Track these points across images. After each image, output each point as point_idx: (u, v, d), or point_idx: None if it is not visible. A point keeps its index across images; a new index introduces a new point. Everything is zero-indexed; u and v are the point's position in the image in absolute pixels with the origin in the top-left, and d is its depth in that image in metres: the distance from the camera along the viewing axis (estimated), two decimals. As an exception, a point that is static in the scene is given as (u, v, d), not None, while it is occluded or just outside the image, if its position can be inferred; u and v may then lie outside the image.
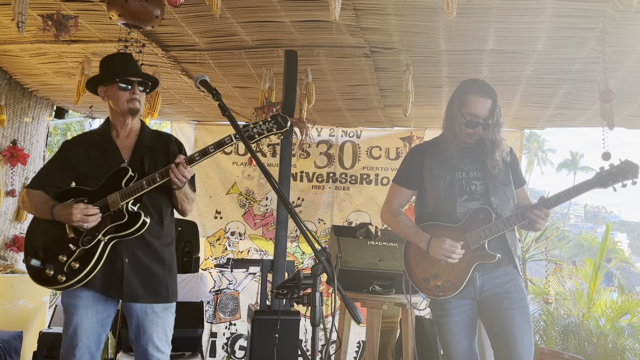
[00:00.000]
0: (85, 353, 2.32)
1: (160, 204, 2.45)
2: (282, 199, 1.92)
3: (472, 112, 2.53)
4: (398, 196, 2.77)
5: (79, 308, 2.33)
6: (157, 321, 2.40)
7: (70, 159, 2.48)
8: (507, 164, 2.61)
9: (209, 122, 5.74)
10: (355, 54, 3.70)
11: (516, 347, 2.42)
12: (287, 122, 2.26)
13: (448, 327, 2.56)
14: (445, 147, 2.62)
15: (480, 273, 2.52)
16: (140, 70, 2.53)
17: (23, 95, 4.91)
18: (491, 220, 2.48)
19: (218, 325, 5.39)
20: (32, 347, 3.94)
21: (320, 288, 1.88)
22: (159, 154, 2.47)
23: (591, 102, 4.26)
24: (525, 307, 2.51)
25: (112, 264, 2.34)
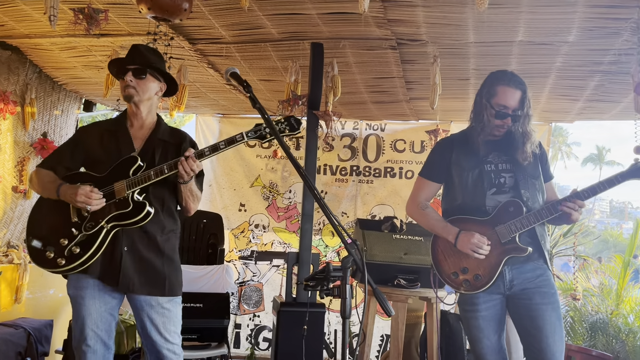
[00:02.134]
0: (97, 341, 2.34)
1: (164, 196, 2.45)
2: (312, 191, 1.92)
3: (501, 102, 2.49)
4: (424, 189, 2.75)
5: (85, 299, 2.34)
6: (162, 312, 2.39)
7: (83, 143, 2.50)
8: (537, 157, 2.57)
9: (234, 115, 5.77)
10: (382, 46, 3.67)
11: (548, 342, 2.38)
12: (300, 124, 2.26)
13: (476, 322, 2.53)
14: (473, 140, 2.58)
15: (510, 267, 2.49)
16: (140, 57, 2.49)
17: (53, 89, 5.00)
18: (522, 213, 2.44)
19: (242, 316, 5.44)
20: (62, 335, 4.02)
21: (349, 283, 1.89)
22: (171, 150, 2.48)
23: (623, 95, 4.17)
24: (556, 302, 2.47)
25: (112, 251, 2.34)
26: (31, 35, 4.03)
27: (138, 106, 2.48)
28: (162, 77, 2.53)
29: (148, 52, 2.53)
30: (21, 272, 4.06)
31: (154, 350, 2.39)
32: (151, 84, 2.48)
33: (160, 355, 2.39)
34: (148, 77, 2.46)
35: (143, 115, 2.50)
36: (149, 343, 2.39)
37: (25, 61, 4.55)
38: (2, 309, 3.95)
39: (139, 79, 2.45)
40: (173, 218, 2.51)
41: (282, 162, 5.64)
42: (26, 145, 4.73)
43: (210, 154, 2.32)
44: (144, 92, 2.46)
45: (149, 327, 2.37)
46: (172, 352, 2.40)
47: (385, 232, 3.90)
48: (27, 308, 4.16)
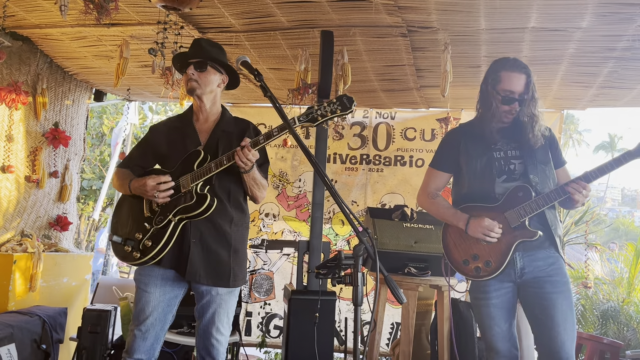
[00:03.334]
0: (150, 329, 2.43)
1: (229, 187, 2.50)
2: (323, 179, 1.92)
3: (507, 88, 2.51)
4: (434, 179, 2.77)
5: (148, 285, 2.45)
6: (220, 303, 2.47)
7: (152, 141, 2.62)
8: (546, 143, 2.57)
9: (244, 104, 5.77)
10: (392, 34, 3.65)
11: (558, 331, 2.38)
12: (353, 103, 2.26)
13: (487, 310, 2.54)
14: (482, 128, 2.59)
15: (521, 255, 2.49)
16: (201, 51, 2.56)
17: (64, 79, 5.02)
18: (531, 197, 2.45)
19: (253, 304, 5.48)
20: (76, 322, 4.08)
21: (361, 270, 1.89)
22: (235, 139, 2.51)
23: (637, 81, 4.12)
24: (568, 291, 2.47)
25: (181, 243, 2.43)
26: (42, 26, 4.04)
27: (201, 99, 2.55)
28: (224, 69, 2.59)
29: (209, 46, 2.60)
30: (35, 261, 4.12)
31: (204, 338, 2.48)
32: (212, 77, 2.55)
33: (209, 344, 2.47)
34: (209, 70, 2.53)
35: (207, 108, 2.57)
36: (201, 329, 2.48)
37: (36, 51, 4.57)
38: (17, 297, 4.01)
39: (201, 71, 2.52)
40: (241, 209, 2.57)
41: (291, 151, 5.64)
42: (38, 135, 4.77)
43: (265, 142, 2.36)
44: (206, 85, 2.53)
45: (205, 316, 2.47)
46: (219, 342, 2.48)
47: (396, 220, 3.91)
48: (41, 296, 4.22)
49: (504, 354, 2.51)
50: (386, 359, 5.08)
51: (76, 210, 5.35)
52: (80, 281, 4.68)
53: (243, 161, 2.32)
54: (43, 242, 4.61)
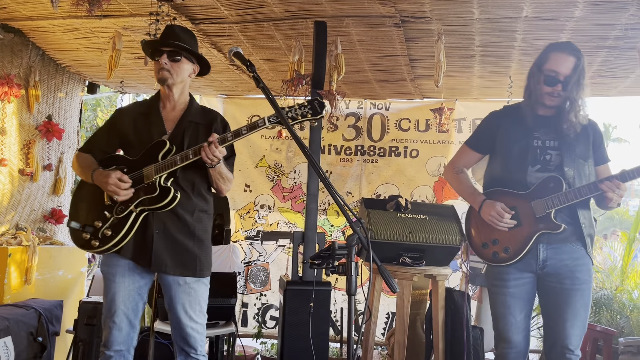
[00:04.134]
0: (123, 319, 2.41)
1: (194, 179, 2.48)
2: (317, 170, 1.93)
3: (552, 68, 2.44)
4: (464, 156, 2.75)
5: (116, 276, 2.42)
6: (189, 292, 2.45)
7: (118, 126, 2.55)
8: (589, 137, 2.49)
9: (238, 95, 5.76)
10: (386, 24, 3.64)
11: (565, 327, 2.38)
12: (324, 108, 2.24)
13: (503, 298, 2.51)
14: (524, 113, 2.53)
15: (546, 246, 2.44)
16: (177, 40, 2.48)
17: (56, 71, 4.99)
18: (561, 190, 2.39)
19: (249, 296, 5.50)
20: (72, 315, 4.08)
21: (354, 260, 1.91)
22: (202, 131, 2.49)
23: (629, 70, 4.13)
24: (587, 289, 2.42)
25: (143, 234, 2.40)
26: (33, 18, 4.01)
27: (171, 89, 2.50)
28: (195, 58, 2.54)
29: (182, 33, 2.53)
30: (30, 254, 4.11)
31: (178, 328, 2.46)
32: (185, 66, 2.50)
33: (184, 334, 2.46)
34: (182, 60, 2.48)
35: (175, 97, 2.53)
36: (174, 321, 2.47)
37: (28, 44, 4.54)
38: (13, 290, 4.01)
39: (173, 61, 2.46)
40: (205, 199, 2.54)
41: (286, 143, 5.64)
42: (31, 128, 4.75)
43: (234, 139, 2.34)
44: (178, 74, 2.48)
45: (176, 306, 2.44)
46: (195, 331, 2.47)
47: (390, 211, 3.91)
48: (37, 289, 4.23)
49: (514, 345, 2.48)
50: (382, 349, 5.11)
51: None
52: (76, 274, 4.68)
53: (210, 157, 2.30)
54: (38, 235, 4.61)
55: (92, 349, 3.72)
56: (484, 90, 5.08)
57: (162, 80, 2.46)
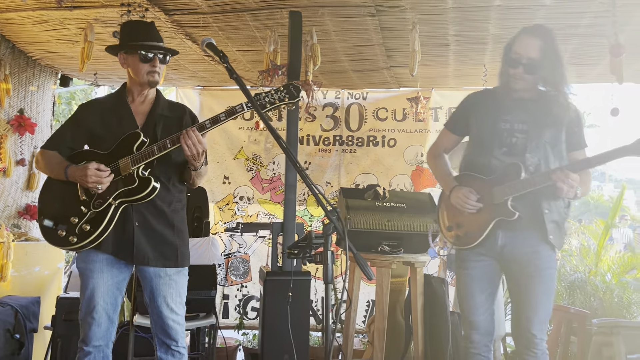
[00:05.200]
0: (102, 315, 2.40)
1: (168, 170, 2.48)
2: (292, 160, 1.93)
3: (516, 50, 2.43)
4: (443, 139, 2.77)
5: (94, 272, 2.40)
6: (170, 283, 2.45)
7: (84, 121, 2.51)
8: (562, 122, 2.45)
9: (215, 87, 5.71)
10: (361, 14, 3.64)
11: (527, 313, 2.43)
12: (300, 91, 2.26)
13: (464, 280, 2.57)
14: (499, 95, 2.52)
15: (504, 232, 2.46)
16: (162, 40, 2.54)
17: (27, 64, 4.89)
18: (519, 177, 2.38)
19: (230, 287, 5.50)
20: (50, 311, 4.04)
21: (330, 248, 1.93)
22: (173, 124, 2.50)
23: (600, 58, 4.19)
24: (547, 276, 2.44)
25: (123, 227, 2.39)
26: (2, 9, 3.91)
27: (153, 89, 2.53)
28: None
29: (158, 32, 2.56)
30: (5, 251, 4.05)
31: (159, 321, 2.46)
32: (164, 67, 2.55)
33: (165, 326, 2.46)
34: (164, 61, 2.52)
35: (148, 92, 2.54)
36: (155, 314, 2.47)
37: (-3, 36, 4.45)
38: (-12, 287, 3.95)
39: (163, 64, 2.50)
40: (180, 190, 2.56)
41: (264, 134, 5.62)
42: (2, 122, 4.65)
43: (212, 127, 2.35)
44: (162, 76, 2.53)
45: (156, 298, 2.44)
46: (176, 322, 2.48)
47: (368, 200, 3.95)
48: (13, 286, 4.17)
49: (477, 326, 2.52)
50: (362, 336, 5.17)
51: (46, 198, 5.25)
52: (53, 270, 4.62)
53: (188, 144, 2.29)
54: (12, 231, 4.54)
55: (70, 345, 3.69)
56: (459, 79, 5.12)
57: (154, 83, 2.49)
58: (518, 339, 2.50)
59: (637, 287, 4.79)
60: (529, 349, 2.43)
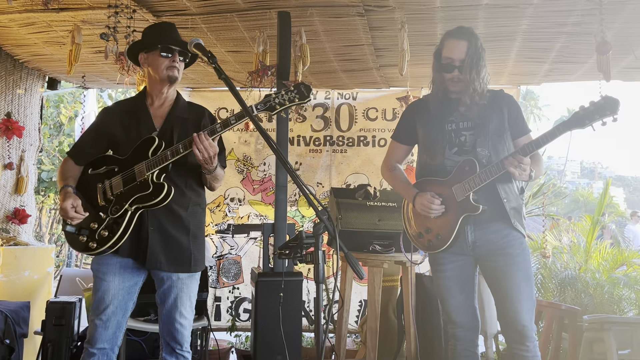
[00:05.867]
0: (111, 317, 2.41)
1: (185, 174, 2.48)
2: (282, 161, 1.93)
3: (447, 55, 2.50)
4: (394, 151, 2.81)
5: (107, 274, 2.42)
6: (182, 287, 2.46)
7: (105, 126, 2.54)
8: (502, 112, 2.54)
9: (204, 88, 5.69)
10: (349, 13, 3.65)
11: (512, 302, 2.43)
12: (310, 91, 2.26)
13: (442, 282, 2.59)
14: (437, 100, 2.59)
15: (473, 228, 2.50)
16: (181, 40, 2.54)
17: (14, 67, 4.85)
18: (475, 171, 2.44)
19: (222, 289, 5.48)
20: (40, 316, 4.00)
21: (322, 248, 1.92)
22: (190, 126, 2.49)
23: (588, 56, 4.23)
24: (522, 262, 2.47)
25: (139, 231, 2.41)
26: (-13, 12, 3.89)
27: (172, 86, 2.53)
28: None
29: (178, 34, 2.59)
30: (-6, 256, 4.02)
31: (167, 323, 2.47)
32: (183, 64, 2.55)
33: (172, 329, 2.46)
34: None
35: (168, 93, 2.54)
36: (164, 315, 2.47)
37: (-17, 39, 4.41)
38: (-23, 293, 3.91)
39: (182, 61, 2.51)
40: (197, 194, 2.55)
41: (255, 135, 5.61)
42: (-10, 126, 4.61)
43: (222, 130, 2.33)
44: (181, 73, 2.52)
45: (167, 301, 2.45)
46: (184, 327, 2.48)
47: (359, 199, 3.95)
48: (2, 291, 4.13)
49: (461, 324, 2.56)
50: (355, 336, 5.16)
51: (34, 202, 5.22)
52: (43, 274, 4.59)
53: (199, 149, 2.29)
54: (1, 236, 4.49)
55: (61, 350, 3.66)
56: (448, 78, 5.13)
57: (173, 78, 2.48)
58: (508, 333, 2.49)
59: (627, 283, 4.82)
60: (521, 343, 2.43)
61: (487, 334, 3.99)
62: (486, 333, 3.99)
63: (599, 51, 3.31)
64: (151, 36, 2.54)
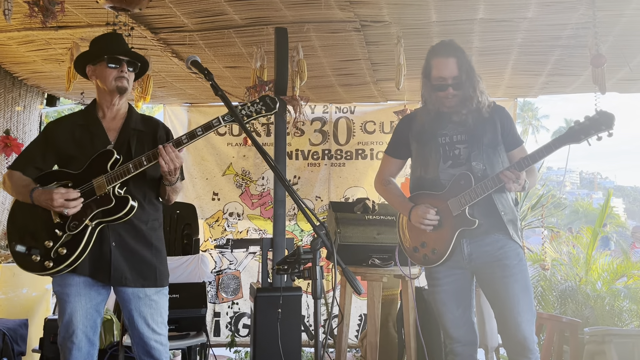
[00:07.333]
0: (82, 338, 2.34)
1: (144, 188, 2.42)
2: (279, 176, 1.93)
3: (438, 75, 2.49)
4: (388, 166, 2.80)
5: (71, 296, 2.33)
6: (150, 304, 2.40)
7: (54, 140, 2.43)
8: (495, 125, 2.53)
9: (202, 104, 5.72)
10: (346, 29, 3.67)
11: (512, 314, 2.41)
12: (276, 103, 2.24)
13: (439, 297, 2.57)
14: (430, 113, 2.59)
15: (468, 241, 2.49)
16: (130, 49, 2.51)
17: (13, 84, 4.88)
18: (471, 185, 2.44)
19: (221, 305, 5.45)
20: (38, 333, 3.98)
21: (320, 263, 1.92)
22: (147, 139, 2.44)
23: (583, 68, 4.26)
24: (519, 273, 2.46)
25: (100, 248, 2.32)
26: (-14, 31, 3.92)
27: (122, 98, 2.45)
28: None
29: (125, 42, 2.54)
30: (-8, 273, 4.00)
31: (141, 343, 2.40)
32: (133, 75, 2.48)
33: (147, 347, 2.40)
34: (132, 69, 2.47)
35: (120, 105, 2.47)
36: (136, 335, 2.40)
37: (-18, 57, 4.44)
38: (-26, 311, 3.89)
39: (131, 71, 2.44)
40: (155, 207, 2.50)
41: (253, 149, 5.62)
42: (-11, 143, 4.62)
43: (189, 142, 2.30)
44: (131, 84, 2.46)
45: (137, 320, 2.38)
46: (159, 343, 2.42)
47: (358, 213, 3.95)
48: (0, 308, 4.11)
49: (458, 339, 2.53)
50: (355, 351, 5.13)
51: (33, 219, 5.20)
52: (41, 291, 4.57)
53: (166, 161, 2.24)
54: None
55: (59, 368, 3.64)
56: (445, 91, 5.16)
57: (122, 89, 2.40)
58: (509, 345, 2.48)
59: (627, 295, 4.81)
60: (523, 355, 2.41)
61: (488, 348, 3.97)
62: (487, 347, 3.96)
63: (594, 64, 3.34)
64: (97, 47, 2.45)
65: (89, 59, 2.45)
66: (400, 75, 3.60)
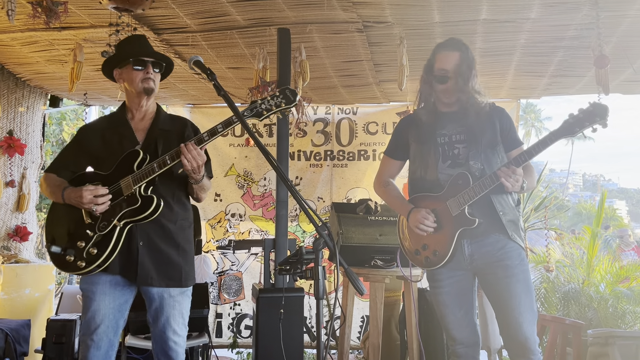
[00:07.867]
0: (103, 337, 2.36)
1: (173, 187, 2.46)
2: (282, 177, 1.93)
3: (440, 67, 2.50)
4: (387, 167, 2.80)
5: (96, 294, 2.37)
6: (173, 304, 2.42)
7: (85, 143, 2.51)
8: (494, 125, 2.53)
9: (205, 104, 5.73)
10: (348, 30, 3.67)
11: (514, 315, 2.40)
12: (296, 96, 2.24)
13: (441, 298, 2.56)
14: (428, 113, 2.59)
15: (469, 242, 2.49)
16: (154, 50, 2.53)
17: (16, 85, 4.89)
18: (469, 185, 2.43)
19: (223, 306, 5.45)
20: (40, 334, 3.99)
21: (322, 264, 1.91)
22: (174, 138, 2.46)
23: (586, 69, 4.25)
24: (520, 273, 2.45)
25: (128, 247, 2.36)
26: (-10, 31, 3.93)
27: (149, 99, 2.49)
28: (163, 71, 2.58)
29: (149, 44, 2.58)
30: (-6, 273, 4.01)
31: (160, 342, 2.43)
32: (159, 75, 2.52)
33: (166, 347, 2.42)
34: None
35: (148, 106, 2.51)
36: (157, 334, 2.43)
37: (-15, 58, 4.45)
38: (-23, 311, 3.90)
39: (157, 72, 2.48)
40: (184, 207, 2.52)
41: (255, 150, 5.62)
42: (-8, 144, 4.64)
43: (210, 139, 2.30)
44: (158, 85, 2.50)
45: (159, 319, 2.41)
46: (177, 344, 2.44)
47: (360, 214, 3.94)
48: (3, 309, 4.12)
49: (460, 341, 2.52)
50: (358, 352, 5.12)
51: (36, 220, 5.22)
52: (44, 292, 4.57)
53: (188, 159, 2.26)
54: (2, 253, 4.49)
55: (61, 368, 3.64)
56: (448, 92, 5.15)
57: (149, 90, 2.44)
58: (511, 346, 2.46)
59: (630, 297, 4.79)
60: (525, 356, 2.40)
61: (491, 349, 3.96)
62: (489, 348, 3.96)
63: (598, 65, 3.33)
64: (122, 50, 2.51)
65: (115, 62, 2.50)
66: (402, 76, 3.60)
